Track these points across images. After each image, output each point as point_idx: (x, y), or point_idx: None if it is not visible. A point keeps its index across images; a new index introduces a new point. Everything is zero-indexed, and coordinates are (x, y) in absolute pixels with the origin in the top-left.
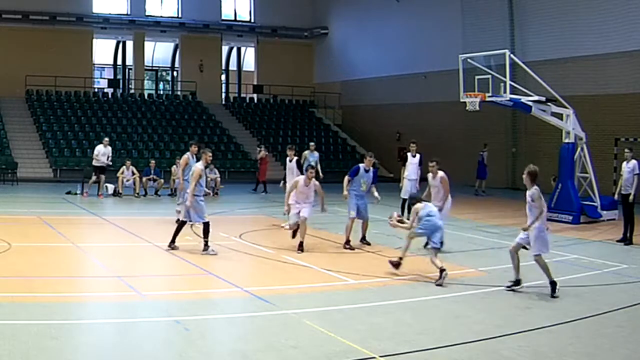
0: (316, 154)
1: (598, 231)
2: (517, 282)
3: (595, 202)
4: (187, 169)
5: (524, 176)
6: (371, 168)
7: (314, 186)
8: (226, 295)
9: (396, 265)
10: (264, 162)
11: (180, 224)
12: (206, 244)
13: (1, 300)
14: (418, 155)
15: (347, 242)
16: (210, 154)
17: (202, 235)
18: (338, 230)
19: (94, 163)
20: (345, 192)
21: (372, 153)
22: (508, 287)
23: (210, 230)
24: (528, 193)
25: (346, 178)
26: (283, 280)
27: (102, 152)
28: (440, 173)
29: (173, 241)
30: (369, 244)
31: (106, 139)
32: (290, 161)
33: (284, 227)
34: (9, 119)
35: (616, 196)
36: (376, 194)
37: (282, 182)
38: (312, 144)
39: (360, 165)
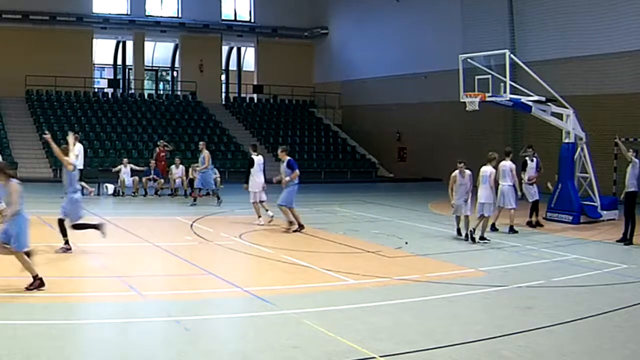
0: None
1: (598, 231)
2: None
3: (595, 202)
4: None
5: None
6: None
7: None
8: (226, 295)
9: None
10: (160, 158)
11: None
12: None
13: (1, 300)
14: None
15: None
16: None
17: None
18: (337, 230)
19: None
20: None
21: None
22: None
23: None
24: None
25: None
26: (283, 280)
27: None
28: None
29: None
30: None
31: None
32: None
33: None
34: (9, 119)
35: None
36: None
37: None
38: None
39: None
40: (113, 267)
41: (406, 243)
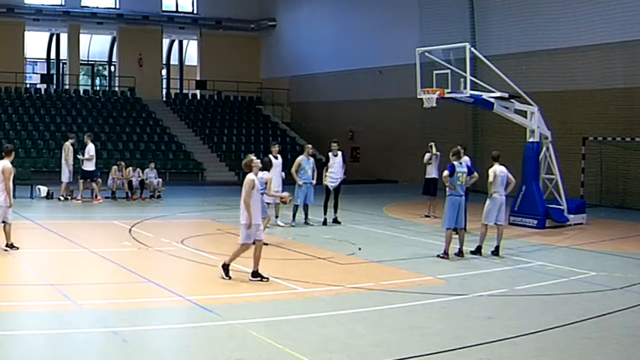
0: None
1: (565, 236)
2: None
3: (561, 205)
4: None
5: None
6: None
7: None
8: (167, 304)
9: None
10: None
11: None
12: None
13: None
14: (340, 154)
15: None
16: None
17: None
18: (285, 235)
19: None
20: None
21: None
22: None
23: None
24: None
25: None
26: (228, 288)
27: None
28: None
29: None
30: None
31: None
32: (276, 158)
33: None
34: None
35: None
36: None
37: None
38: None
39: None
40: (46, 274)
41: (359, 249)
